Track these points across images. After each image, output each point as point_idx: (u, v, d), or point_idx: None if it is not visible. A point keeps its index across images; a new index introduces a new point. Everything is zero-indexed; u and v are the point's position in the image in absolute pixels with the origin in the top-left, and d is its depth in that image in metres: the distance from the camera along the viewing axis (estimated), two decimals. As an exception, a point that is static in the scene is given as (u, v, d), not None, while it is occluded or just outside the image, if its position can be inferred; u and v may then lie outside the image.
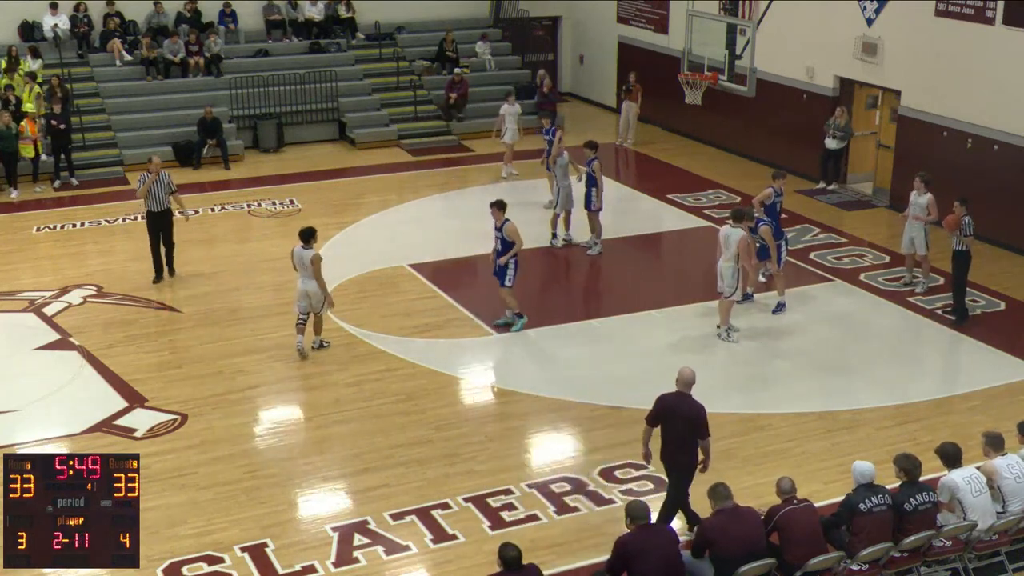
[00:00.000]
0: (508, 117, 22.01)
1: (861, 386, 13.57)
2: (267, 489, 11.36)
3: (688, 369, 10.20)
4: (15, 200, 20.59)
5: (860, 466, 9.48)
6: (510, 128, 22.04)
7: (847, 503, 9.31)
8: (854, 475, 9.45)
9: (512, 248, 14.50)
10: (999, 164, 17.92)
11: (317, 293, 13.98)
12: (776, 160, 22.28)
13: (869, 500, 9.21)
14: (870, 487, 9.32)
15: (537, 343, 14.87)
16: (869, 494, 9.25)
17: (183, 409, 12.97)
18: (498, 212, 14.64)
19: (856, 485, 9.39)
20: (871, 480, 9.39)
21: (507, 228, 14.49)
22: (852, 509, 9.23)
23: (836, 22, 20.72)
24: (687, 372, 10.16)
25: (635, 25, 26.54)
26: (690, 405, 10.05)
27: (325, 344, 14.48)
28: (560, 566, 10.03)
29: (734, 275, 14.46)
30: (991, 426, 10.93)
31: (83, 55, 24.29)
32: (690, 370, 10.19)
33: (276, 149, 24.12)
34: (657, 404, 10.16)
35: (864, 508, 9.19)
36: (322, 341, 14.47)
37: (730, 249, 14.34)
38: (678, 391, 10.14)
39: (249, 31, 25.95)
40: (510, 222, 14.53)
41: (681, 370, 10.22)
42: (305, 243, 13.91)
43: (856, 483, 9.40)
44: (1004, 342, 14.77)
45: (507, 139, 22.11)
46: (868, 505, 9.19)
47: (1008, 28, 17.51)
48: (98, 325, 15.27)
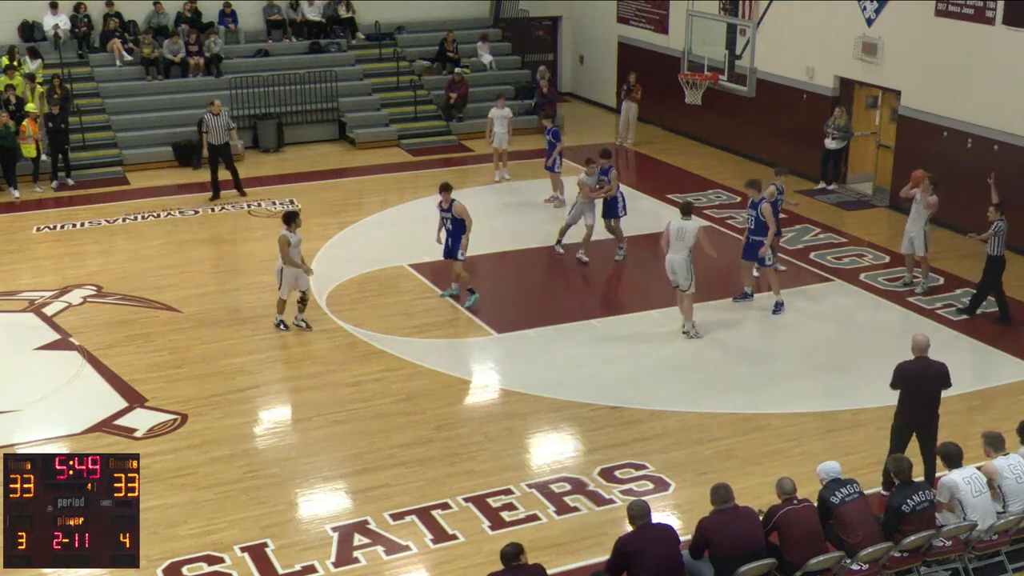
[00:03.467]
0: (497, 121, 21.58)
1: (861, 386, 13.56)
2: (267, 489, 11.37)
3: (922, 335, 11.08)
4: (16, 200, 20.59)
5: (825, 465, 9.67)
6: (498, 132, 21.60)
7: (819, 499, 9.43)
8: (820, 476, 9.60)
9: (464, 227, 15.27)
10: (999, 164, 17.90)
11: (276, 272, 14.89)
12: (776, 160, 22.25)
13: (839, 492, 9.35)
14: (838, 482, 9.47)
15: (537, 343, 14.88)
16: (838, 487, 9.40)
17: (183, 409, 12.97)
18: (446, 194, 15.36)
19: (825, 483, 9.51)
20: (837, 476, 9.54)
21: (456, 207, 15.26)
22: (825, 503, 9.36)
23: (836, 22, 20.72)
24: (923, 338, 11.00)
25: (635, 25, 26.55)
26: (937, 366, 10.95)
27: (283, 328, 15.04)
28: (560, 566, 10.03)
29: (688, 268, 14.60)
30: (991, 426, 10.94)
31: (83, 55, 24.29)
32: (923, 335, 11.08)
33: (276, 149, 24.13)
34: (898, 371, 10.98)
35: (836, 501, 9.30)
36: (282, 322, 15.06)
37: (684, 242, 14.49)
38: (918, 357, 10.89)
39: (249, 31, 25.95)
40: (457, 202, 15.30)
41: (915, 337, 11.01)
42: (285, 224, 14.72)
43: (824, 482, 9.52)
44: (1004, 342, 14.78)
45: (495, 143, 21.73)
46: (840, 496, 9.31)
47: (1008, 28, 17.51)
48: (98, 325, 15.28)
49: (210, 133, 20.36)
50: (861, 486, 9.52)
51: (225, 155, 20.63)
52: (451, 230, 15.40)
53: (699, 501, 10.40)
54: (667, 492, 11.30)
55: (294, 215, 14.79)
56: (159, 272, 17.20)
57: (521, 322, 15.41)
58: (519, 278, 17.19)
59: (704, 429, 12.58)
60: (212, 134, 20.35)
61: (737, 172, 22.19)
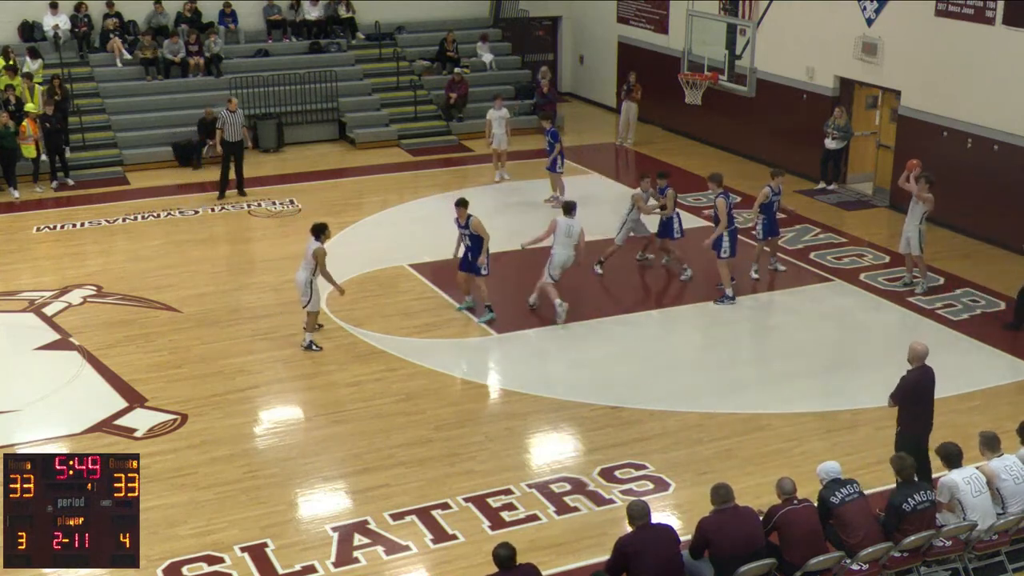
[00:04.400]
0: (495, 122, 21.55)
1: (861, 386, 13.56)
2: (267, 489, 11.37)
3: (920, 344, 10.89)
4: (16, 200, 20.59)
5: (825, 465, 9.66)
6: (496, 133, 21.55)
7: (819, 498, 9.42)
8: (820, 476, 9.59)
9: (482, 243, 14.93)
10: (999, 164, 17.92)
11: (302, 284, 14.17)
12: (776, 160, 22.28)
13: (839, 492, 9.34)
14: (838, 482, 9.46)
15: (537, 343, 14.88)
16: (838, 487, 9.39)
17: (183, 409, 12.97)
18: (462, 210, 15.04)
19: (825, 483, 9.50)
20: (838, 476, 9.53)
21: (473, 223, 14.92)
22: (825, 503, 9.35)
23: (836, 22, 20.72)
24: (921, 346, 10.83)
25: (635, 25, 26.55)
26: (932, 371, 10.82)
27: (315, 348, 14.38)
28: (560, 566, 10.03)
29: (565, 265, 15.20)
30: (991, 426, 10.92)
31: (83, 55, 24.29)
32: (922, 344, 10.90)
33: (276, 149, 24.13)
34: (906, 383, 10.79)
35: (836, 501, 9.29)
36: (311, 342, 14.41)
37: (572, 238, 15.09)
38: (920, 365, 10.74)
39: (249, 31, 25.95)
40: (474, 217, 14.94)
41: (914, 346, 10.82)
42: (315, 237, 14.14)
43: (824, 482, 9.51)
44: (1004, 342, 14.78)
45: (494, 144, 21.67)
46: (839, 497, 9.31)
47: (1008, 28, 17.51)
48: (98, 325, 15.27)
49: (225, 130, 20.62)
50: (861, 486, 9.52)
51: (238, 153, 20.90)
52: (469, 246, 15.06)
53: (699, 501, 10.40)
54: (667, 492, 11.30)
55: (325, 226, 14.29)
56: (159, 272, 17.20)
57: (521, 322, 15.41)
58: (519, 278, 17.16)
59: (704, 429, 12.58)
60: (228, 131, 20.60)
61: (737, 172, 22.18)
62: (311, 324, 14.45)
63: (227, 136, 20.70)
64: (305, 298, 14.21)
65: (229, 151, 20.81)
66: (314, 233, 14.17)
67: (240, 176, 21.07)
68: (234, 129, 20.64)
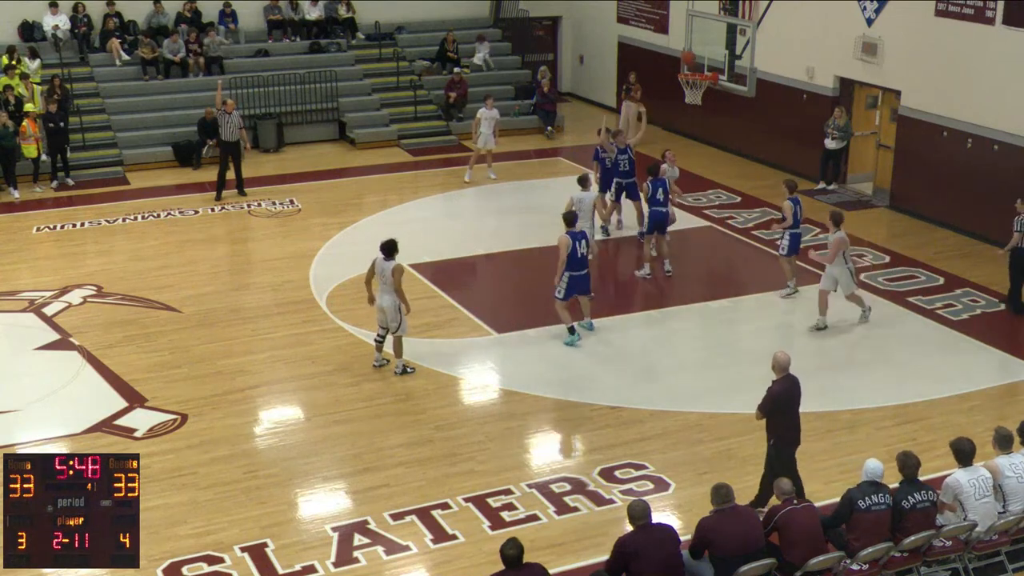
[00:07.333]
0: (484, 122, 21.42)
1: (861, 386, 13.57)
2: (267, 489, 11.37)
3: (783, 353, 10.62)
4: (16, 200, 20.59)
5: (870, 464, 9.48)
6: (483, 133, 21.42)
7: (847, 497, 9.32)
8: (864, 470, 9.44)
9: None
10: (999, 164, 17.92)
11: (391, 308, 13.56)
12: (776, 160, 22.32)
13: (869, 498, 9.23)
14: (873, 484, 9.34)
15: (537, 343, 14.87)
16: (870, 492, 9.27)
17: (183, 409, 12.97)
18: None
19: (861, 481, 9.40)
20: (876, 479, 9.39)
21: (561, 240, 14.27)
22: (851, 504, 9.25)
23: (836, 22, 20.72)
24: (783, 355, 10.57)
25: (635, 25, 26.54)
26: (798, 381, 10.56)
27: (409, 370, 13.84)
28: (560, 566, 10.01)
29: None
30: (990, 426, 10.89)
31: (83, 55, 24.29)
32: (784, 353, 10.63)
33: (276, 149, 24.12)
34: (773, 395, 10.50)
35: (863, 506, 9.21)
36: (405, 366, 13.85)
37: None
38: (787, 375, 10.49)
39: (249, 31, 25.94)
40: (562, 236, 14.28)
41: (777, 356, 10.56)
42: (387, 255, 13.49)
43: (862, 479, 9.41)
44: (1004, 342, 14.78)
45: (479, 144, 21.57)
46: (867, 503, 9.22)
47: (1008, 28, 17.51)
48: (98, 325, 15.27)
49: (223, 130, 20.69)
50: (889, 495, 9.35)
51: (235, 153, 20.95)
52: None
53: (699, 501, 10.40)
54: (667, 492, 11.30)
55: (395, 243, 13.55)
56: (159, 272, 17.20)
57: (521, 322, 15.40)
58: (519, 278, 17.17)
59: (704, 429, 12.58)
60: (225, 131, 20.66)
61: (737, 172, 22.22)
62: (400, 349, 13.87)
63: (225, 136, 20.78)
64: (395, 323, 13.65)
65: (227, 151, 20.86)
66: (385, 251, 13.49)
67: (239, 176, 21.06)
68: (231, 130, 20.67)
